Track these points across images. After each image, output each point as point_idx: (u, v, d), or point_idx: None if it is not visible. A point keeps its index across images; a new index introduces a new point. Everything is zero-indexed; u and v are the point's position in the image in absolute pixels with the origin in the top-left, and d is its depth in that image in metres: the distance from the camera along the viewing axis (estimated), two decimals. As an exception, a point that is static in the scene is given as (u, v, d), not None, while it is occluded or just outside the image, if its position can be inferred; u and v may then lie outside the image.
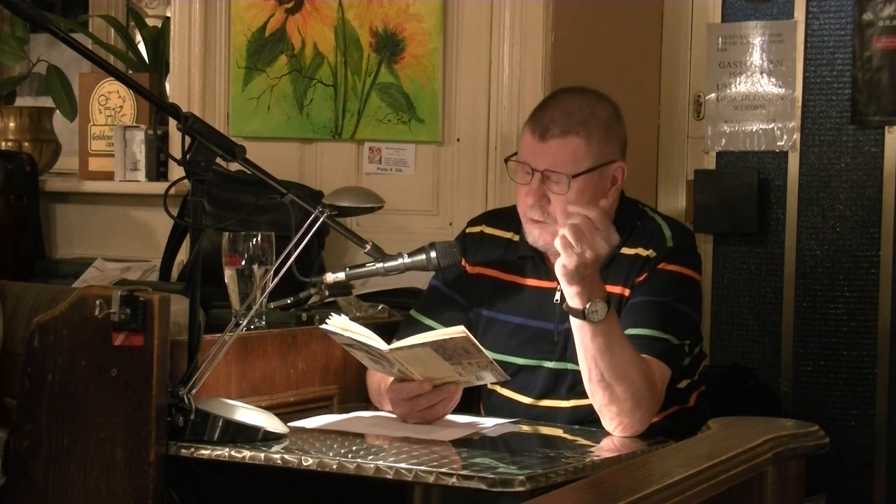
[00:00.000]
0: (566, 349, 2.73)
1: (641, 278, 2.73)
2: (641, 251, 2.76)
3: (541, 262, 2.82)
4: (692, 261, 2.80)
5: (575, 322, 2.58)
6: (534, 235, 2.76)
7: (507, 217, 2.91)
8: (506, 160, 2.84)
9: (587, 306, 2.53)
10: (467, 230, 2.98)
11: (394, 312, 3.16)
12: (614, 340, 2.56)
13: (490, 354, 2.66)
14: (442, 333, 2.61)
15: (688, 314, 2.75)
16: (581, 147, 2.71)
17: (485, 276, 2.89)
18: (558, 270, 2.54)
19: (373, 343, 2.64)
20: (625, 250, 2.77)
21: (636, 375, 2.57)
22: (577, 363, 2.64)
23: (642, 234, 2.79)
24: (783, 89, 4.06)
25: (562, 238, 2.50)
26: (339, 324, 2.68)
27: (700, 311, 2.85)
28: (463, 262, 2.92)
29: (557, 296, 2.76)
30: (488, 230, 2.94)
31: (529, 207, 2.73)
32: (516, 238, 2.87)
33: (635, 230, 2.80)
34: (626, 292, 2.74)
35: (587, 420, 2.70)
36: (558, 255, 2.53)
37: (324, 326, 2.69)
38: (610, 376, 2.56)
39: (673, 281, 2.73)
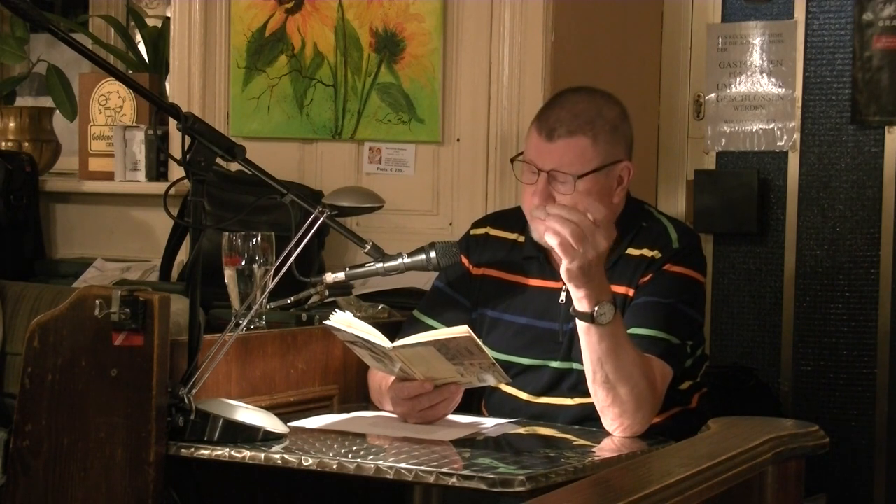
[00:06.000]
0: (571, 349, 2.73)
1: (646, 279, 2.73)
2: (647, 252, 2.76)
3: (546, 263, 2.82)
4: (697, 263, 2.80)
5: (581, 325, 2.57)
6: (539, 232, 2.75)
7: (512, 218, 2.91)
8: (512, 160, 2.84)
9: (595, 309, 2.53)
10: (471, 231, 2.98)
11: (394, 312, 3.16)
12: (620, 343, 2.56)
13: (495, 354, 2.66)
14: (445, 333, 2.60)
15: (691, 316, 2.75)
16: (588, 147, 2.71)
17: (490, 277, 2.89)
18: (563, 275, 2.54)
19: (376, 340, 2.64)
20: (630, 251, 2.77)
21: (640, 376, 2.57)
22: (582, 363, 2.64)
23: (648, 235, 2.79)
24: (783, 89, 4.06)
25: (562, 241, 2.49)
26: (342, 320, 2.67)
27: (703, 313, 2.85)
28: (466, 263, 2.91)
29: (563, 296, 2.76)
30: (493, 231, 2.94)
31: (535, 207, 2.73)
32: (521, 239, 2.87)
33: (641, 231, 2.80)
34: (631, 292, 2.74)
35: (588, 418, 2.70)
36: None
37: (327, 322, 2.69)
38: (615, 378, 2.55)
39: (678, 282, 2.74)
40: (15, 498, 2.55)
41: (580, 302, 2.54)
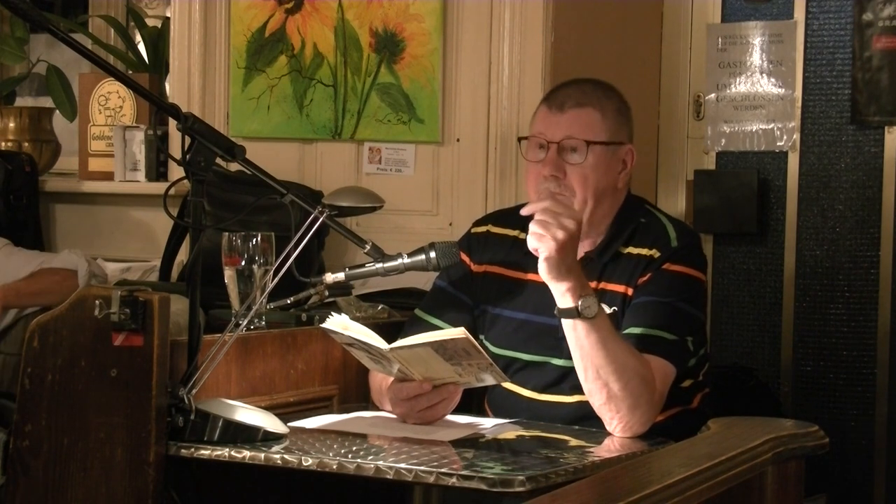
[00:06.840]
0: (572, 346, 2.73)
1: (645, 278, 2.73)
2: (645, 251, 2.76)
3: (545, 258, 2.82)
4: (697, 261, 2.80)
5: (568, 323, 2.58)
6: None
7: (512, 216, 2.92)
8: (519, 139, 2.87)
9: (580, 303, 2.54)
10: (472, 230, 2.99)
11: (394, 312, 3.16)
12: (607, 336, 2.57)
13: (496, 350, 2.66)
14: (442, 334, 2.61)
15: (692, 314, 2.74)
16: (597, 118, 2.77)
17: (491, 274, 2.90)
18: (542, 270, 2.56)
19: (373, 342, 2.64)
20: (630, 250, 2.77)
21: (633, 371, 2.57)
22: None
23: (647, 233, 2.79)
24: (783, 89, 4.06)
25: (532, 234, 2.54)
26: (338, 323, 2.67)
27: (705, 311, 2.84)
28: (468, 262, 2.92)
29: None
30: (494, 229, 2.95)
31: (544, 181, 2.72)
32: (522, 236, 2.88)
33: (639, 228, 2.80)
34: (630, 291, 2.74)
35: (590, 416, 2.69)
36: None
37: (324, 325, 2.69)
38: (606, 373, 2.56)
39: (677, 281, 2.74)
40: (15, 498, 2.55)
41: (563, 297, 2.56)
